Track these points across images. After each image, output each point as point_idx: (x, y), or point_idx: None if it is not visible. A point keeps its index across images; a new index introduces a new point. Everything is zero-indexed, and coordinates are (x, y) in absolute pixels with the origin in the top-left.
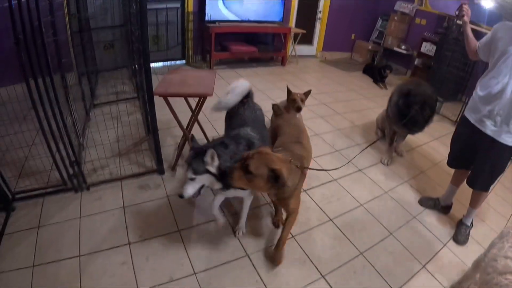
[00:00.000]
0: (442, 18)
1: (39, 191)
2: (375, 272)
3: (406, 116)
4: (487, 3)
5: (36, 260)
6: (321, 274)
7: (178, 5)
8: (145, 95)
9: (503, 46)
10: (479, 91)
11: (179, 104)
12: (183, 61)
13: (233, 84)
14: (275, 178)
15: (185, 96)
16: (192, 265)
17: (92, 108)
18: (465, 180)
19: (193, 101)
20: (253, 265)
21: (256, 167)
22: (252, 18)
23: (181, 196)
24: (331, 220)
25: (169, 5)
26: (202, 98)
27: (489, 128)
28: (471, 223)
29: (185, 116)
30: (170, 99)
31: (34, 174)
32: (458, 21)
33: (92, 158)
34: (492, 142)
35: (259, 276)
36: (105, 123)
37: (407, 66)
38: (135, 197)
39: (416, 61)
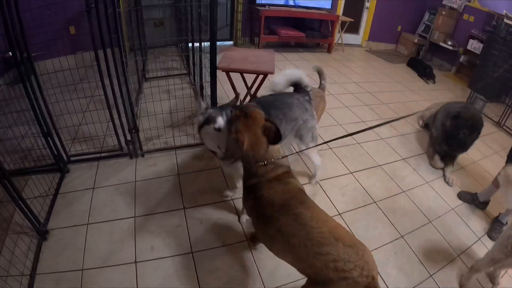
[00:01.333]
0: (491, 16)
1: (94, 155)
2: (413, 255)
3: (453, 137)
4: None
5: (91, 219)
6: None
7: None
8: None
9: None
10: None
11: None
12: (231, 42)
13: (285, 70)
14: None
15: (248, 72)
16: (243, 229)
17: (143, 81)
18: None
19: (249, 79)
20: None
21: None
22: (301, 4)
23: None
24: (375, 202)
25: None
26: (263, 76)
27: None
28: (507, 222)
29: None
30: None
31: (89, 140)
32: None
33: (145, 128)
34: None
35: None
36: (159, 95)
37: (452, 63)
38: (189, 166)
39: (462, 58)
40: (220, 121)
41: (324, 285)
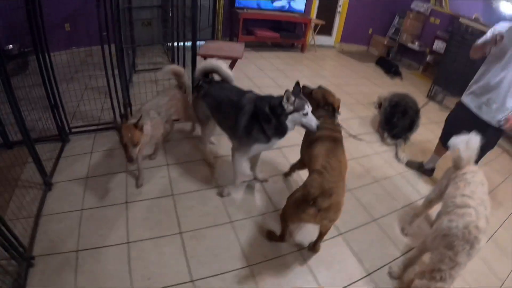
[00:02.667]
0: (454, 18)
1: (92, 127)
2: (359, 204)
3: (390, 121)
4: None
5: (90, 174)
6: None
7: None
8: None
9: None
10: (481, 83)
11: None
12: (220, 41)
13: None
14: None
15: (221, 58)
16: (217, 182)
17: (133, 73)
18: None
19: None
20: None
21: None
22: (277, 7)
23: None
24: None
25: None
26: (234, 61)
27: (486, 114)
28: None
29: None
30: None
31: (88, 116)
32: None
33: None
34: (487, 126)
35: None
36: (145, 85)
37: (420, 62)
38: (173, 136)
39: (428, 58)
40: (307, 108)
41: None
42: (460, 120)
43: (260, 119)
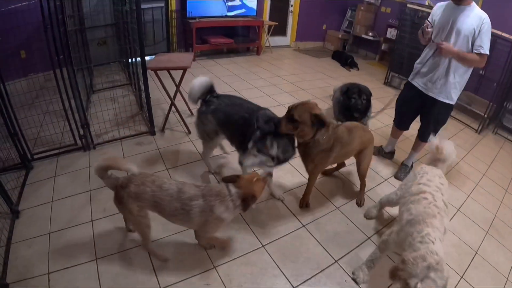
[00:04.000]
0: (404, 5)
1: (54, 151)
2: (319, 193)
3: (349, 108)
4: None
5: (55, 197)
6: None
7: (162, 4)
8: (139, 75)
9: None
10: (422, 60)
11: (166, 83)
12: (171, 53)
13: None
14: (318, 122)
15: (170, 69)
16: None
17: (91, 94)
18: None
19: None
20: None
21: (299, 114)
22: (229, 13)
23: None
24: None
25: (154, 5)
26: (184, 71)
27: (431, 91)
28: (412, 165)
29: (171, 91)
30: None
31: (48, 142)
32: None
33: (96, 129)
34: (434, 102)
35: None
36: (105, 102)
37: (376, 52)
38: (133, 150)
39: (383, 46)
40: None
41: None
42: (409, 100)
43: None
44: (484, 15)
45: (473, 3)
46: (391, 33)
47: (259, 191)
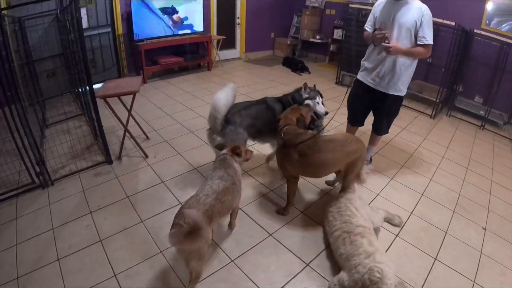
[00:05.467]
0: (347, 5)
1: (12, 193)
2: (283, 203)
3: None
4: None
5: (18, 240)
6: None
7: (109, 29)
8: (90, 104)
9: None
10: (368, 58)
11: (118, 109)
12: (120, 79)
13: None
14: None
15: (119, 95)
16: (140, 217)
17: (45, 128)
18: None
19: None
20: None
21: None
22: (175, 32)
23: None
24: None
25: (101, 31)
26: (133, 95)
27: (380, 85)
28: (370, 158)
29: (123, 117)
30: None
31: (5, 183)
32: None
33: (52, 164)
34: (384, 96)
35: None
36: (59, 137)
37: (325, 53)
38: (91, 182)
39: (331, 47)
40: (318, 98)
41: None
42: (360, 96)
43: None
44: (424, 7)
45: None
46: (338, 33)
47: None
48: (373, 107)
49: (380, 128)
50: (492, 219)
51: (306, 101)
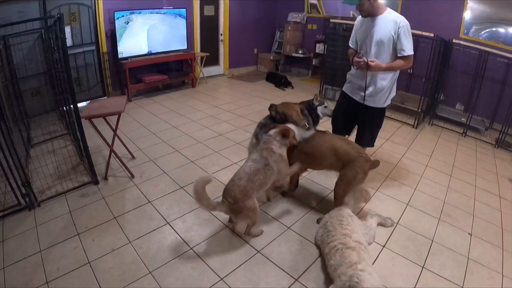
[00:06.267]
0: (328, 20)
1: None
2: (271, 218)
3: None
4: None
5: (6, 263)
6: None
7: (93, 47)
8: (75, 124)
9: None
10: (352, 71)
11: (103, 128)
12: (105, 97)
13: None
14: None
15: (104, 116)
16: (127, 238)
17: (30, 148)
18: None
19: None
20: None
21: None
22: (159, 50)
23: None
24: None
25: (85, 49)
26: (118, 115)
27: (363, 98)
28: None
29: (109, 137)
30: (95, 124)
31: None
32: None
33: (38, 185)
34: (367, 108)
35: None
36: (44, 157)
37: (308, 68)
38: (78, 203)
39: (314, 62)
40: (326, 103)
41: (350, 163)
42: (345, 107)
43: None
44: (400, 19)
45: (388, 9)
46: (320, 48)
47: (291, 131)
48: (357, 118)
49: (362, 140)
50: (478, 224)
51: (319, 107)
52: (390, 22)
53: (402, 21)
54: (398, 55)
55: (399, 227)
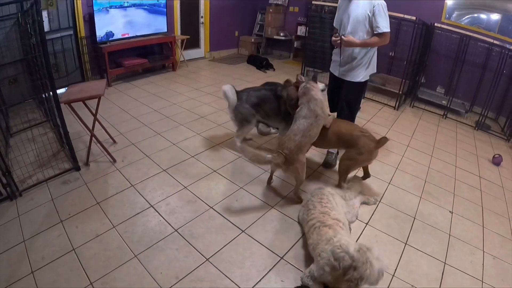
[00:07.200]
0: (310, 2)
1: None
2: (256, 198)
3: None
4: None
5: None
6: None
7: (71, 32)
8: (54, 111)
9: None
10: (334, 50)
11: (83, 114)
12: (83, 83)
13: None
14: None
15: (84, 99)
16: (111, 223)
17: (9, 138)
18: None
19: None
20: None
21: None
22: (139, 33)
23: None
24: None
25: (63, 34)
26: (98, 99)
27: (340, 73)
28: (337, 151)
29: (89, 122)
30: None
31: None
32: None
33: (19, 174)
34: (343, 82)
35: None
36: (24, 146)
37: (289, 50)
38: (60, 190)
39: (295, 44)
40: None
41: (354, 142)
42: (332, 86)
43: None
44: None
45: None
46: (301, 30)
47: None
48: (338, 95)
49: (341, 115)
50: (458, 202)
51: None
52: (366, 2)
53: (378, 0)
54: (374, 32)
55: (381, 205)
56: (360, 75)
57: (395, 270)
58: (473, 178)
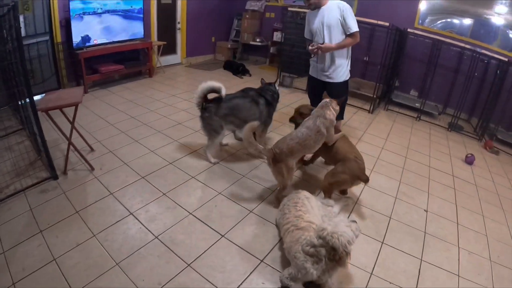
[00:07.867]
0: (285, 9)
1: None
2: (233, 202)
3: None
4: None
5: None
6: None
7: (47, 37)
8: (31, 118)
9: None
10: (313, 58)
11: (60, 121)
12: (61, 89)
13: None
14: None
15: (61, 107)
16: (91, 231)
17: None
18: None
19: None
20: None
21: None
22: (115, 39)
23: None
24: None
25: (39, 39)
26: (75, 106)
27: (326, 78)
28: None
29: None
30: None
31: None
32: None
33: None
34: (331, 85)
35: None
36: (1, 154)
37: (266, 55)
38: (38, 199)
39: (272, 49)
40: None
41: (343, 161)
42: (314, 87)
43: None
44: (341, 4)
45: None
46: (277, 36)
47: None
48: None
49: None
50: (433, 201)
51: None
52: (335, 8)
53: (343, 5)
54: (347, 33)
55: (357, 206)
56: (344, 75)
57: (373, 268)
58: (447, 177)
